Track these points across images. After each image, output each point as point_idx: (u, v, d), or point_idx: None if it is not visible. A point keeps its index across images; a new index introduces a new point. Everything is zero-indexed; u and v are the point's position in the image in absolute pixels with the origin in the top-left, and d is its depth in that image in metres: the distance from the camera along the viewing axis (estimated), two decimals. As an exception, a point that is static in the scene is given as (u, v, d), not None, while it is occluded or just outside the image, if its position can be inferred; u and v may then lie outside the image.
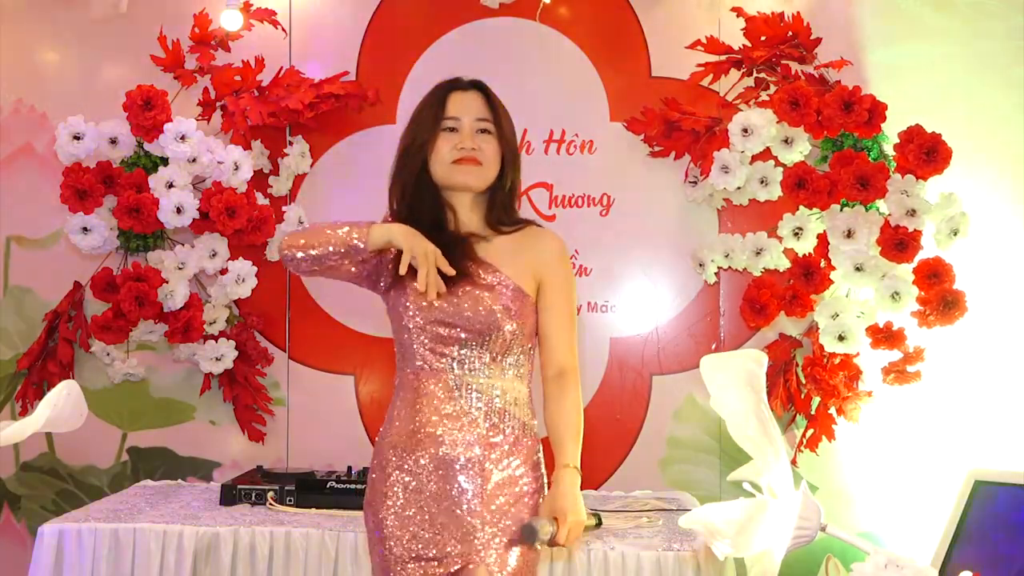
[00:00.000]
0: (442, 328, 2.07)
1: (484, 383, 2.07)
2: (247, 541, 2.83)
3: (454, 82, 2.19)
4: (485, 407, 2.07)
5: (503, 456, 2.07)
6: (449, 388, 2.07)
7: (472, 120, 2.13)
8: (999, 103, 3.37)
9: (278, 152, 3.64)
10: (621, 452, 3.55)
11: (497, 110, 2.16)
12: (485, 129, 2.14)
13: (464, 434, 2.05)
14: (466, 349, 2.07)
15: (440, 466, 2.05)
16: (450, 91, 2.17)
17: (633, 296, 3.58)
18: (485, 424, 2.06)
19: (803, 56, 3.33)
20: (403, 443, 2.08)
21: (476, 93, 2.17)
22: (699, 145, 3.41)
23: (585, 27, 3.61)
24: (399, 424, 2.11)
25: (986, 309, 3.29)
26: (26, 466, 3.76)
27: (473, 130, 2.13)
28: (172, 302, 3.44)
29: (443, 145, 2.12)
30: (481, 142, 2.12)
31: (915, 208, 3.14)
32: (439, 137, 2.12)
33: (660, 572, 2.65)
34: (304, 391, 3.70)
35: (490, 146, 2.13)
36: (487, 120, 2.14)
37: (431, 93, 2.19)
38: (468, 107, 2.14)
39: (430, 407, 2.07)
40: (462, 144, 2.11)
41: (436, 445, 2.05)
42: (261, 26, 3.60)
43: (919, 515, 3.30)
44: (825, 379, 3.27)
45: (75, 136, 3.44)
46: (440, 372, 2.08)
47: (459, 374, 2.07)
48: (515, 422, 2.10)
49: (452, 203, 2.17)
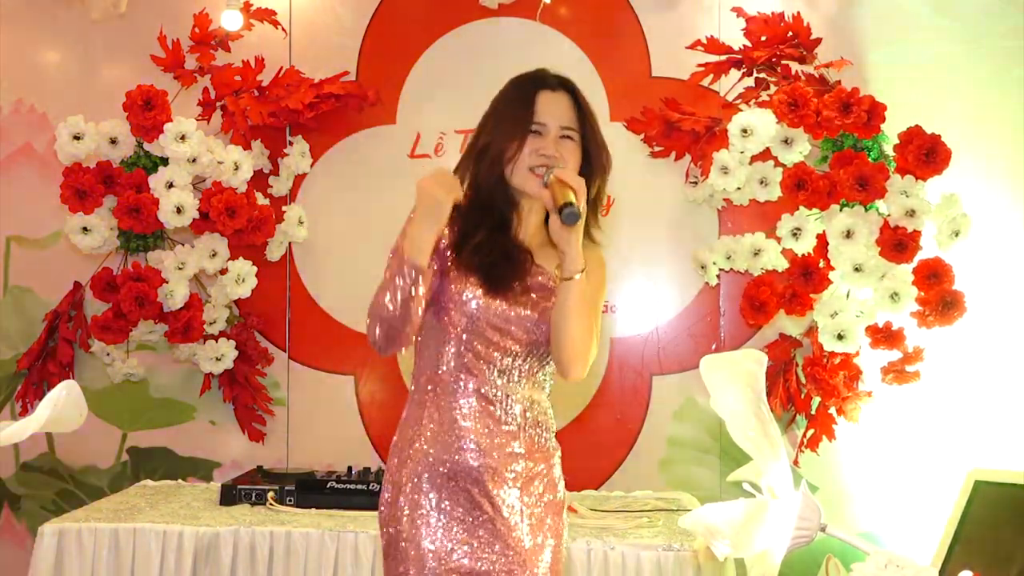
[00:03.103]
0: (492, 331, 1.98)
1: (522, 394, 2.01)
2: (247, 541, 2.83)
3: (542, 79, 2.07)
4: (521, 419, 2.00)
5: (539, 469, 2.02)
6: (488, 397, 1.98)
7: (558, 126, 2.01)
8: (999, 103, 3.37)
9: (278, 152, 3.64)
10: (621, 452, 3.55)
11: (585, 114, 2.05)
12: (569, 136, 2.02)
13: (503, 446, 1.98)
14: (510, 358, 1.99)
15: (479, 478, 1.96)
16: (538, 90, 2.04)
17: (633, 296, 3.58)
18: (523, 436, 2.00)
19: (803, 56, 3.33)
20: (436, 453, 1.97)
21: (565, 95, 2.05)
22: (699, 145, 3.41)
23: (585, 27, 3.61)
24: (431, 434, 1.99)
25: (986, 309, 3.29)
26: (26, 466, 3.76)
27: (557, 136, 2.01)
28: (172, 302, 3.44)
29: (526, 148, 2.00)
30: (563, 150, 2.00)
31: (915, 209, 3.14)
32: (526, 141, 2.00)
33: (660, 572, 2.65)
34: (304, 391, 3.70)
35: (572, 155, 2.01)
36: (572, 128, 2.03)
37: (517, 90, 2.07)
38: (556, 111, 2.02)
39: (468, 415, 1.97)
40: (544, 151, 1.99)
41: (474, 455, 1.96)
42: (261, 26, 3.60)
43: (919, 515, 3.31)
44: (825, 379, 3.27)
45: (75, 136, 3.44)
46: (480, 378, 1.98)
47: (501, 384, 1.98)
48: (548, 434, 2.06)
49: (524, 207, 2.07)
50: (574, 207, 1.85)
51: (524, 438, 2.01)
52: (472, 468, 1.96)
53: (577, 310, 1.94)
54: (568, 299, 1.94)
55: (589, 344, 1.98)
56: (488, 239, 2.01)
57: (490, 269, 1.99)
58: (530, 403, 2.03)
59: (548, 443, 2.06)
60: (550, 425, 2.08)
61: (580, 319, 1.95)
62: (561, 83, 2.07)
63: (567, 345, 1.96)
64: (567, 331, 1.95)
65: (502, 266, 2.00)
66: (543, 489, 2.03)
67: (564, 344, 1.96)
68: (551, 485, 2.05)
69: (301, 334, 3.71)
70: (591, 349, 1.99)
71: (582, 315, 1.95)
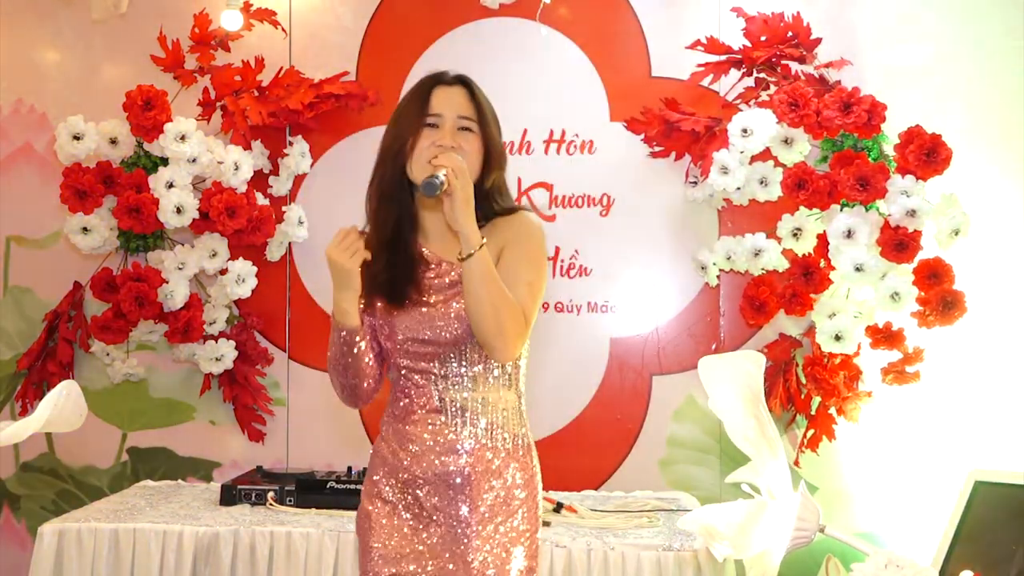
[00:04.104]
0: (414, 344, 2.03)
1: (473, 396, 2.01)
2: (247, 541, 2.83)
3: (438, 77, 2.08)
4: (470, 423, 2.01)
5: (495, 472, 2.01)
6: (433, 405, 2.02)
7: (454, 116, 2.02)
8: (999, 103, 3.37)
9: (278, 152, 3.64)
10: (621, 452, 3.55)
11: (481, 106, 2.06)
12: (467, 127, 2.03)
13: (452, 452, 2.00)
14: (444, 363, 2.02)
15: (433, 486, 2.01)
16: (433, 86, 2.06)
17: (633, 296, 3.57)
18: (471, 441, 2.01)
19: (803, 56, 3.33)
20: (391, 463, 2.06)
21: (460, 88, 2.06)
22: (699, 145, 3.41)
23: (585, 27, 3.61)
24: (384, 444, 2.09)
25: (986, 309, 3.29)
26: (26, 466, 3.76)
27: (454, 127, 2.02)
28: (172, 302, 3.44)
29: (423, 141, 2.01)
30: (462, 140, 2.01)
31: (915, 209, 3.14)
32: (420, 135, 2.02)
33: (660, 572, 2.65)
34: (304, 391, 3.70)
35: (471, 145, 2.02)
36: (469, 118, 2.04)
37: (414, 88, 2.09)
38: (451, 103, 2.03)
39: (417, 424, 2.03)
40: (441, 141, 2.00)
41: (424, 464, 2.01)
42: (261, 26, 3.60)
43: (919, 515, 3.30)
44: (825, 379, 3.27)
45: (75, 136, 3.45)
46: (423, 388, 2.04)
47: (442, 388, 2.02)
48: (507, 433, 2.03)
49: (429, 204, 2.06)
50: (434, 178, 1.87)
51: (477, 440, 2.01)
52: (420, 475, 2.02)
53: (482, 287, 1.92)
54: (471, 278, 1.93)
55: (509, 320, 1.93)
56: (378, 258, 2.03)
57: (384, 287, 2.05)
58: (483, 403, 2.02)
59: (510, 442, 2.03)
60: (512, 424, 2.05)
61: (487, 296, 1.92)
62: (457, 78, 2.09)
63: (482, 324, 1.94)
64: (478, 311, 1.93)
65: (391, 282, 2.03)
66: (502, 491, 2.01)
67: (480, 324, 1.94)
68: (515, 485, 2.02)
69: (301, 334, 3.71)
70: (515, 325, 1.95)
71: (489, 292, 1.92)
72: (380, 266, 2.04)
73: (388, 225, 2.06)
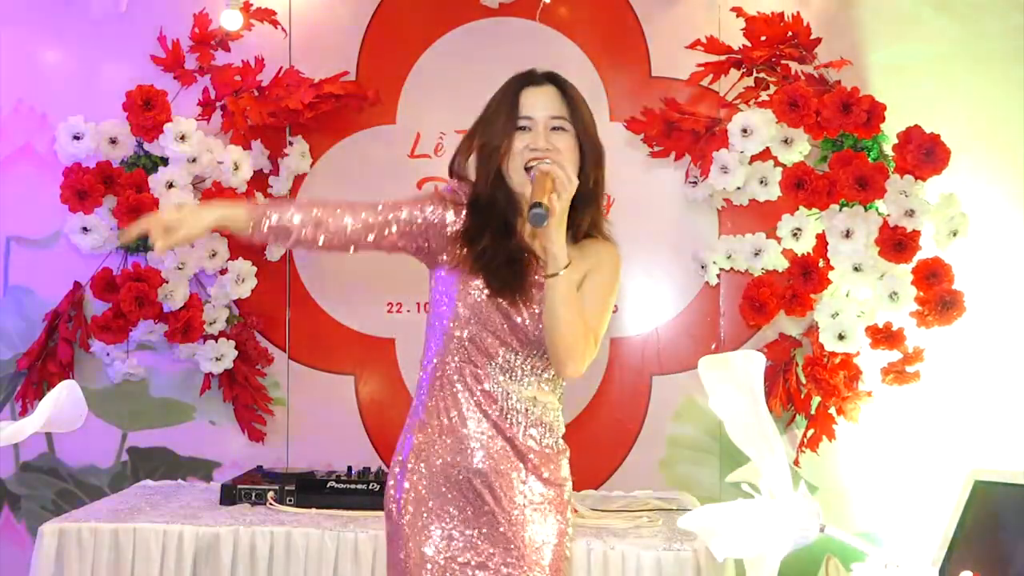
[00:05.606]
0: (495, 327, 2.00)
1: (525, 393, 2.01)
2: (247, 541, 2.83)
3: (527, 77, 2.06)
4: (523, 417, 2.01)
5: (540, 468, 2.02)
6: (490, 393, 2.00)
7: (546, 117, 2.00)
8: (999, 103, 3.37)
9: (278, 152, 3.64)
10: (621, 452, 3.55)
11: (574, 103, 2.04)
12: (560, 127, 2.01)
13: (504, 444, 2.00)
14: (511, 355, 2.00)
15: (477, 477, 1.99)
16: (523, 87, 2.04)
17: (633, 296, 3.57)
18: (525, 436, 2.01)
19: (803, 56, 3.33)
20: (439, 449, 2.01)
21: (550, 87, 2.04)
22: (699, 145, 3.41)
23: (585, 27, 3.61)
24: (431, 431, 2.03)
25: (985, 309, 3.29)
26: (26, 466, 3.76)
27: (547, 128, 2.00)
28: (172, 302, 3.45)
29: (517, 144, 1.99)
30: (555, 140, 1.99)
31: (914, 208, 3.14)
32: (514, 138, 2.00)
33: (660, 572, 2.65)
34: (304, 391, 3.70)
35: (565, 144, 2.00)
36: (562, 117, 2.01)
37: (502, 89, 2.07)
38: (541, 104, 2.02)
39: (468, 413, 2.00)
40: (535, 144, 1.98)
41: (472, 455, 1.99)
42: (261, 26, 3.60)
43: (919, 515, 3.30)
44: (825, 379, 3.27)
45: (75, 136, 3.45)
46: (483, 371, 2.00)
47: (503, 380, 2.00)
48: (552, 435, 2.05)
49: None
50: (541, 208, 1.85)
51: (526, 437, 2.01)
52: (471, 465, 1.99)
53: (565, 307, 1.93)
54: (554, 296, 1.93)
55: (581, 341, 1.96)
56: (492, 244, 2.01)
57: (495, 273, 2.00)
58: (533, 402, 2.02)
59: (553, 444, 2.05)
60: (555, 427, 2.07)
61: (568, 316, 1.93)
62: (547, 77, 2.07)
63: (556, 342, 1.95)
64: (555, 328, 1.94)
65: (504, 271, 2.00)
66: (545, 488, 2.02)
67: (554, 341, 1.95)
68: (554, 485, 2.04)
69: (301, 334, 3.71)
70: (585, 346, 1.97)
71: (571, 312, 1.94)
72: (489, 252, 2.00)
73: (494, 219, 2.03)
